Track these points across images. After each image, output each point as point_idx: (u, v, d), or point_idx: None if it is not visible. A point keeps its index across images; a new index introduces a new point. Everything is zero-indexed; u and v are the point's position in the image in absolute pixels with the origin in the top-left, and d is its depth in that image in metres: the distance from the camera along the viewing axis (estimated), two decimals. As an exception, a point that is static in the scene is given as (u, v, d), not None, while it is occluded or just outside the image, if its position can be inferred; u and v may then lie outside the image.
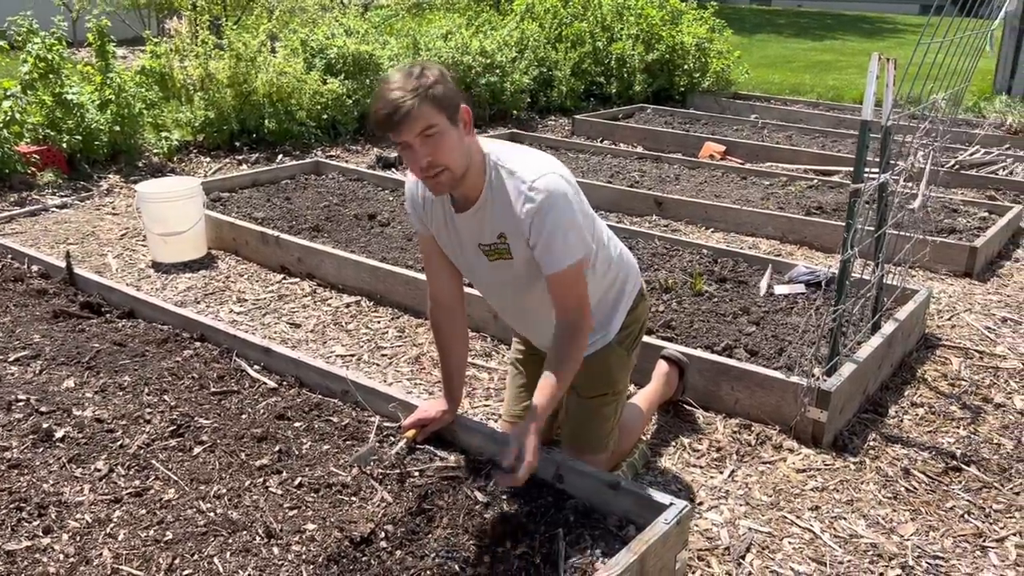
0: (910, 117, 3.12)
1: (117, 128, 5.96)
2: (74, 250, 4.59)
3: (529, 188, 2.08)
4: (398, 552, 2.09)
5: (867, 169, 2.81)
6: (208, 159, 6.56)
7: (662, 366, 3.04)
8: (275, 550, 2.09)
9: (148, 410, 2.71)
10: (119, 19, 10.42)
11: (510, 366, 2.69)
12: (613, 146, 7.33)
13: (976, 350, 3.62)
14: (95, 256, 4.57)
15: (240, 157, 6.63)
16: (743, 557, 2.35)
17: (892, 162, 3.14)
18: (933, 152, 3.38)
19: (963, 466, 2.80)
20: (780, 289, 3.88)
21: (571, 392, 2.50)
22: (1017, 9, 7.47)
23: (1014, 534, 2.47)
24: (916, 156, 3.20)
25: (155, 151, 6.36)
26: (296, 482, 2.36)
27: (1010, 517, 2.55)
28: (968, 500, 2.63)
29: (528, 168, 2.12)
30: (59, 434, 2.55)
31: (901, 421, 3.07)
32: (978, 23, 3.53)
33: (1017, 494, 2.66)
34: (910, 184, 3.37)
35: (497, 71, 8.11)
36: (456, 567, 2.04)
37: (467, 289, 2.58)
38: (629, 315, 2.48)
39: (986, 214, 5.24)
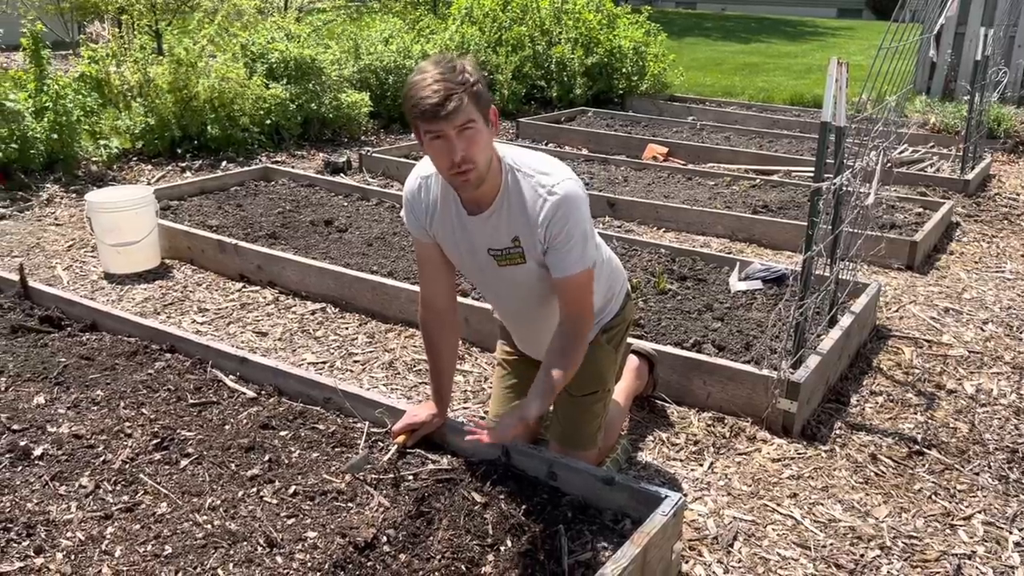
0: (867, 119, 3.27)
1: (55, 136, 5.77)
2: (20, 263, 4.43)
3: (549, 192, 2.13)
4: (402, 555, 2.10)
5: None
6: (149, 167, 6.40)
7: (632, 360, 3.10)
8: (279, 559, 2.08)
9: (127, 424, 2.65)
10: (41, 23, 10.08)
11: (497, 367, 2.72)
12: (559, 149, 7.42)
13: (925, 339, 3.80)
14: (43, 268, 4.43)
15: (183, 164, 6.49)
16: (731, 545, 2.43)
17: (846, 162, 3.28)
18: (884, 152, 3.54)
19: (925, 450, 2.94)
20: (739, 286, 4.00)
21: (562, 391, 2.55)
22: (955, 15, 7.84)
23: (979, 512, 2.61)
24: (870, 155, 3.34)
25: (94, 159, 6.18)
26: (291, 491, 2.35)
27: (973, 496, 2.70)
28: (933, 482, 2.77)
29: (546, 172, 2.17)
30: (37, 452, 2.48)
31: (863, 409, 3.21)
32: (914, 27, 3.71)
33: (977, 474, 2.81)
34: (864, 183, 3.52)
35: (440, 75, 8.11)
36: (463, 567, 2.06)
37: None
38: (617, 315, 2.54)
39: (921, 209, 5.49)
